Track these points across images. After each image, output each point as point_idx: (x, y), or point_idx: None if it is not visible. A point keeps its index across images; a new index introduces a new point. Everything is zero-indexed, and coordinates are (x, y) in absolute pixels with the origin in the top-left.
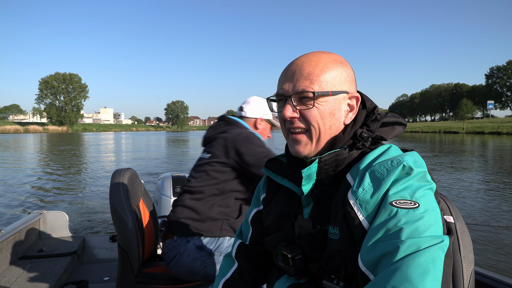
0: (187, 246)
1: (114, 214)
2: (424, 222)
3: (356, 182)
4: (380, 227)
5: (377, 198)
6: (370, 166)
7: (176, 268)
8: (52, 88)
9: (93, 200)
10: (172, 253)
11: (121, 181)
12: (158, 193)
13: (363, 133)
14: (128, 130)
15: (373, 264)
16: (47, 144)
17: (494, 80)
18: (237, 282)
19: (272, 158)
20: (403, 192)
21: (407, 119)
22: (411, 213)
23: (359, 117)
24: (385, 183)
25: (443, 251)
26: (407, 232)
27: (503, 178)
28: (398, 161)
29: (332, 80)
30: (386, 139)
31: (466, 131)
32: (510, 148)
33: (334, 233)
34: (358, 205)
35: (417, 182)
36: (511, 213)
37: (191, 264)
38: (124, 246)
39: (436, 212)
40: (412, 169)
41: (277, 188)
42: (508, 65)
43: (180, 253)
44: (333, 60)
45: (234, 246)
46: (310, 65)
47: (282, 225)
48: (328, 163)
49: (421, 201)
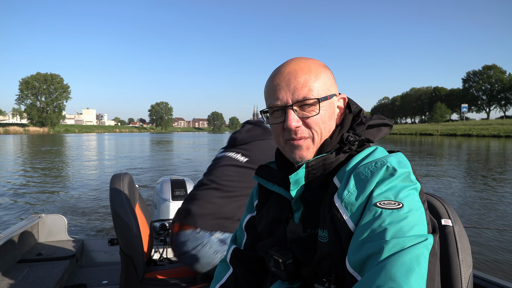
0: (210, 239)
1: (117, 220)
2: (408, 221)
3: (342, 184)
4: (365, 228)
5: (362, 199)
6: (356, 168)
7: (192, 259)
8: (33, 89)
9: (91, 203)
10: (192, 244)
11: (122, 186)
12: (157, 197)
13: (350, 136)
14: (111, 131)
15: (360, 265)
16: (31, 145)
17: (470, 84)
18: (232, 287)
19: (262, 165)
20: (387, 193)
21: None
22: (395, 214)
23: (346, 121)
24: (370, 184)
25: (428, 249)
26: (391, 232)
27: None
28: (382, 162)
29: (325, 85)
30: (373, 141)
31: (441, 133)
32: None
33: (323, 236)
34: (344, 207)
35: (401, 182)
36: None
37: (212, 256)
38: (128, 251)
39: (421, 211)
40: (396, 170)
41: (269, 194)
42: (483, 70)
43: (202, 244)
44: (320, 65)
45: (229, 252)
46: (304, 72)
47: (275, 230)
48: (315, 168)
49: (405, 201)
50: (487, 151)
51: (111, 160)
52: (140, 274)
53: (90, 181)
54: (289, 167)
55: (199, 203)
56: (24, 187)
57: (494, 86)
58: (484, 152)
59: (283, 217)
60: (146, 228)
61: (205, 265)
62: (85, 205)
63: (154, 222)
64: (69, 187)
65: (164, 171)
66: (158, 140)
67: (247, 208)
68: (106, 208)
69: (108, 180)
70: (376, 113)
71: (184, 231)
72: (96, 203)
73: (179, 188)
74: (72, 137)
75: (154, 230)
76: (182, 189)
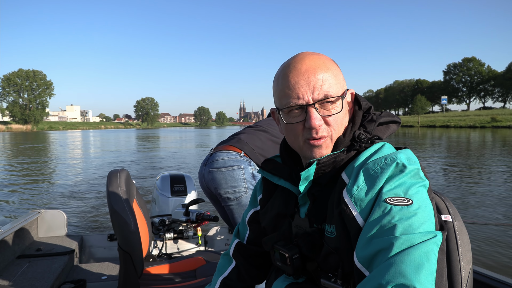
0: (248, 167)
1: (115, 216)
2: (417, 218)
3: (351, 180)
4: (374, 224)
5: (372, 195)
6: (364, 164)
7: (220, 175)
8: (15, 86)
9: (90, 199)
10: (230, 162)
11: (119, 182)
12: (156, 192)
13: (361, 134)
14: (96, 127)
15: (368, 260)
16: (16, 143)
17: (451, 76)
18: (235, 280)
19: (267, 159)
20: (397, 189)
21: None
22: (405, 210)
23: (357, 118)
24: (379, 180)
25: (437, 246)
26: (401, 229)
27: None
28: (391, 158)
29: (340, 81)
30: (382, 138)
31: (421, 125)
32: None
33: (330, 231)
34: (353, 203)
35: (411, 179)
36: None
37: (238, 181)
38: (126, 248)
39: (429, 208)
40: (406, 167)
41: (274, 189)
42: (463, 62)
43: (239, 167)
44: (332, 61)
45: (232, 245)
46: (321, 69)
47: (279, 225)
48: (326, 165)
49: (415, 198)
50: (458, 141)
51: (109, 156)
52: (138, 270)
53: (88, 177)
54: (295, 162)
55: (249, 136)
56: (21, 184)
57: (474, 78)
58: (456, 142)
59: (288, 212)
60: (144, 224)
61: (225, 186)
62: (84, 201)
63: (154, 218)
64: (67, 183)
65: (157, 166)
66: (145, 136)
67: (250, 203)
68: (105, 203)
69: (104, 175)
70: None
71: (229, 151)
72: (95, 198)
73: (178, 184)
74: (57, 134)
75: (153, 226)
76: (181, 184)
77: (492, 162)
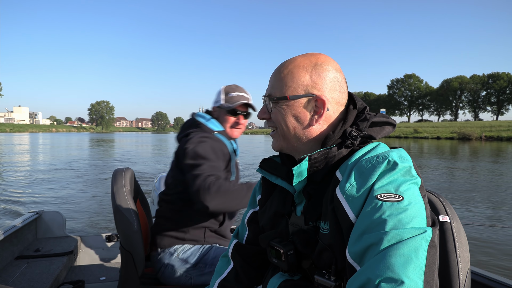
0: (171, 259)
1: (118, 215)
2: (407, 214)
3: (344, 177)
4: (365, 220)
5: (363, 192)
6: (357, 162)
7: (163, 279)
8: None
9: (89, 200)
10: (157, 266)
11: (124, 181)
12: (155, 193)
13: (352, 131)
14: (46, 130)
15: (360, 255)
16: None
17: (394, 91)
18: (233, 282)
19: (266, 158)
20: (388, 186)
21: None
22: (395, 206)
23: (350, 117)
24: (371, 177)
25: (426, 241)
26: (391, 224)
27: None
28: (383, 156)
29: (293, 85)
30: (376, 138)
31: None
32: None
33: (325, 228)
34: (345, 199)
35: (402, 176)
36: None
37: (177, 277)
38: (128, 247)
39: (420, 205)
40: (397, 164)
41: (272, 189)
42: (405, 78)
43: (164, 266)
44: (302, 66)
45: (231, 246)
46: (279, 70)
47: (277, 223)
48: (318, 161)
49: (405, 194)
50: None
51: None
52: (139, 270)
53: (85, 178)
54: (291, 161)
55: (157, 221)
56: (20, 185)
57: (413, 93)
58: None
59: (285, 210)
60: (146, 224)
61: (174, 286)
62: (82, 202)
63: (153, 218)
64: (65, 185)
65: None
66: (101, 139)
67: (250, 204)
68: (103, 204)
69: (97, 177)
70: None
71: (152, 253)
72: (93, 199)
73: None
74: (2, 136)
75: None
76: None
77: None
